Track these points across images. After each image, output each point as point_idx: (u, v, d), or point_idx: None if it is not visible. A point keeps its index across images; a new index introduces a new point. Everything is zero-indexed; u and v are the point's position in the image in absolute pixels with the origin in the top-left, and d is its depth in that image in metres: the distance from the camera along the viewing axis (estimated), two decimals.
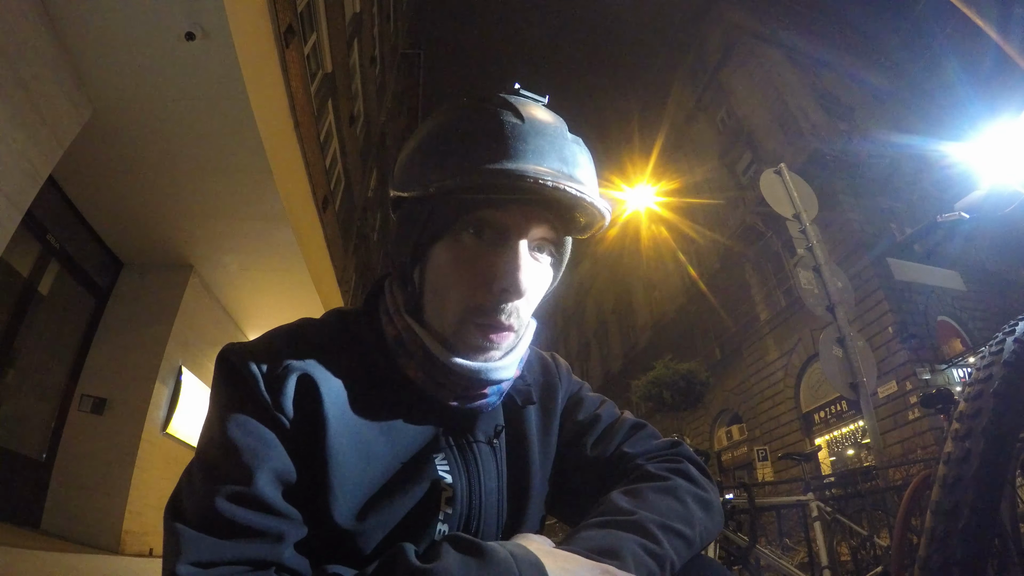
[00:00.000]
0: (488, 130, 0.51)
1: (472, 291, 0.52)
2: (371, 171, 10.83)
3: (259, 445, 0.48)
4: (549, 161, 0.50)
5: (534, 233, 0.53)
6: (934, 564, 0.76)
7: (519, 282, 0.51)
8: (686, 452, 0.63)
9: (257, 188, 3.92)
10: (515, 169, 0.48)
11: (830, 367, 3.40)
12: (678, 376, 12.40)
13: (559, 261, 0.59)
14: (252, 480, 0.46)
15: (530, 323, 0.61)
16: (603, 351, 23.19)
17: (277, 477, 0.47)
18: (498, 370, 0.55)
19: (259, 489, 0.46)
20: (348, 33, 7.17)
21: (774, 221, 10.06)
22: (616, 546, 0.46)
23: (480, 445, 0.58)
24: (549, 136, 0.52)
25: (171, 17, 2.74)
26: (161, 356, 4.52)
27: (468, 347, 0.54)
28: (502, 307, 0.52)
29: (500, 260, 0.52)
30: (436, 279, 0.54)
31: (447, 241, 0.53)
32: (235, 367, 0.51)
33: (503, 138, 0.50)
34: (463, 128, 0.52)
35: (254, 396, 0.50)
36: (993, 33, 4.45)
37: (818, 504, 3.05)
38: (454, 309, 0.53)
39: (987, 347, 0.92)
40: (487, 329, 0.53)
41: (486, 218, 0.52)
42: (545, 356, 0.72)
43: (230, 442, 0.47)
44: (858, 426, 9.90)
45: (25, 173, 2.81)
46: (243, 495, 0.45)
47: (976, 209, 1.33)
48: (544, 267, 0.56)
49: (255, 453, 0.47)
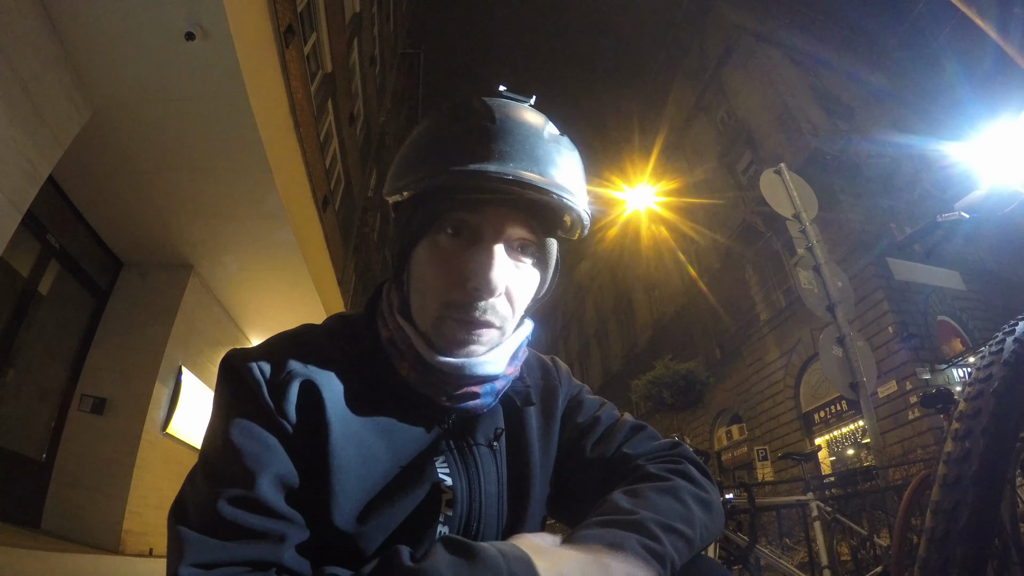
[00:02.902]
0: (459, 133, 0.53)
1: (447, 288, 0.54)
2: (371, 171, 10.83)
3: (261, 449, 0.48)
4: (517, 160, 0.51)
5: (511, 234, 0.55)
6: (934, 564, 0.76)
7: (491, 280, 0.53)
8: (687, 453, 0.63)
9: (257, 188, 3.92)
10: (479, 169, 0.50)
11: (830, 367, 3.40)
12: (678, 376, 12.41)
13: (543, 263, 0.60)
14: (254, 484, 0.46)
15: (524, 324, 0.62)
16: (603, 351, 23.18)
17: (279, 481, 0.48)
18: (482, 365, 0.56)
19: (261, 492, 0.46)
20: (348, 33, 7.17)
21: (774, 221, 10.05)
22: (617, 544, 0.46)
23: (480, 448, 0.59)
24: (521, 136, 0.53)
25: (171, 17, 2.74)
26: (161, 356, 4.51)
27: (448, 343, 0.55)
28: (476, 304, 0.54)
29: (473, 259, 0.54)
30: (417, 279, 0.57)
31: (426, 242, 0.56)
32: (239, 372, 0.52)
33: (472, 140, 0.52)
34: (438, 133, 0.55)
35: (257, 401, 0.50)
36: (993, 33, 4.45)
37: (818, 504, 3.05)
38: (432, 306, 0.55)
39: (987, 347, 0.92)
40: (464, 324, 0.54)
41: (462, 219, 0.54)
42: (545, 360, 0.73)
43: (232, 446, 0.48)
44: (858, 426, 9.90)
45: (25, 173, 2.81)
46: (245, 498, 0.46)
47: (976, 209, 1.33)
48: (526, 268, 0.57)
49: (257, 457, 0.48)
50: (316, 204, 5.47)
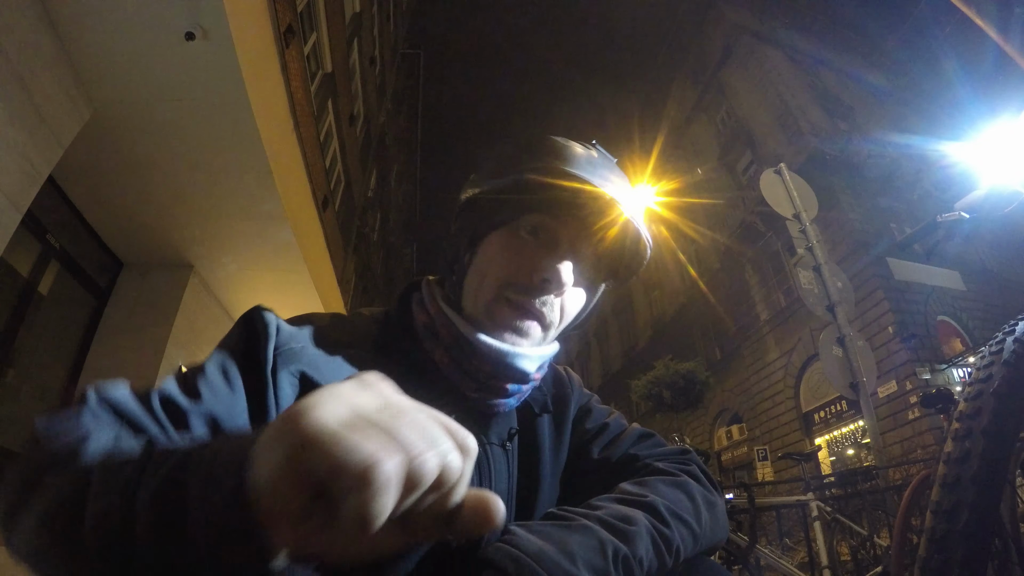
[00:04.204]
0: (564, 147, 0.60)
1: (514, 272, 0.57)
2: (371, 171, 10.82)
3: (221, 385, 0.47)
4: (612, 187, 0.58)
5: (583, 251, 0.59)
6: (934, 564, 0.76)
7: (560, 275, 0.56)
8: (695, 458, 0.65)
9: (257, 188, 3.91)
10: (582, 175, 0.56)
11: (830, 367, 3.40)
12: (678, 376, 12.38)
13: (592, 293, 0.65)
14: (193, 405, 0.44)
15: (554, 342, 0.65)
16: (603, 351, 23.17)
17: (214, 420, 0.45)
18: (522, 358, 0.57)
19: (189, 414, 0.44)
20: (348, 33, 7.17)
21: (774, 221, 10.06)
22: (630, 516, 0.48)
23: (493, 447, 0.60)
24: (616, 172, 0.62)
25: (171, 17, 2.74)
26: (161, 356, 4.51)
27: (497, 325, 0.57)
28: (539, 294, 0.57)
29: (547, 256, 0.57)
30: (483, 261, 0.59)
31: (503, 231, 0.59)
32: (254, 322, 0.52)
33: (576, 156, 0.59)
34: (545, 143, 0.61)
35: (255, 352, 0.50)
36: (993, 33, 4.45)
37: (818, 504, 3.05)
38: (492, 284, 0.57)
39: (987, 347, 0.92)
40: (519, 309, 0.57)
41: (543, 223, 0.58)
42: (558, 369, 0.76)
43: (203, 368, 0.48)
44: (858, 426, 9.89)
45: (25, 173, 2.81)
46: (173, 407, 0.44)
47: (976, 209, 1.33)
48: (580, 289, 0.62)
49: (213, 388, 0.46)
50: (316, 204, 5.47)
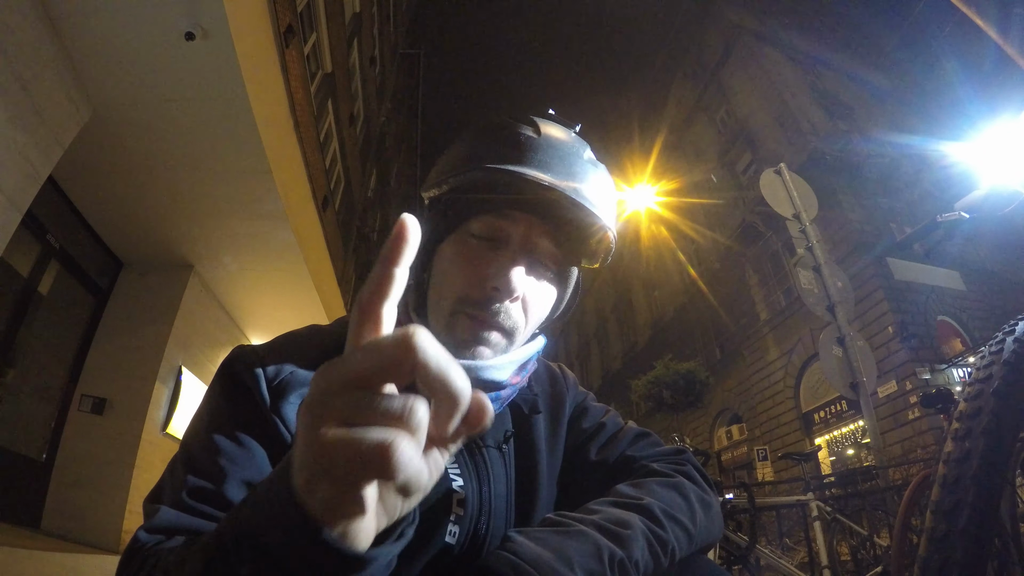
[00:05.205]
0: (502, 138, 0.56)
1: (466, 284, 0.55)
2: (371, 171, 10.82)
3: (239, 452, 0.48)
4: (555, 172, 0.53)
5: (537, 244, 0.57)
6: (934, 564, 0.76)
7: (510, 282, 0.54)
8: (691, 458, 0.65)
9: (257, 188, 3.91)
10: (516, 170, 0.51)
11: (830, 367, 3.40)
12: (678, 376, 12.38)
13: (563, 282, 0.62)
14: (223, 482, 0.46)
15: (537, 338, 0.64)
16: (603, 351, 23.18)
17: (248, 485, 0.48)
18: (487, 369, 0.55)
19: (227, 491, 0.46)
20: (348, 33, 7.17)
21: (774, 221, 10.05)
22: (626, 520, 0.47)
23: (490, 450, 0.59)
24: (561, 152, 0.55)
25: (171, 17, 2.73)
26: (161, 356, 4.51)
27: (457, 341, 0.55)
28: (492, 304, 0.54)
29: (496, 261, 0.55)
30: (438, 275, 0.58)
31: (453, 239, 0.57)
32: (238, 370, 0.52)
33: (513, 145, 0.54)
34: (482, 137, 0.57)
35: (249, 401, 0.50)
36: (993, 33, 4.45)
37: (818, 504, 3.05)
38: (448, 302, 0.56)
39: (987, 347, 0.92)
40: (476, 323, 0.55)
41: (491, 223, 0.56)
42: (553, 367, 0.74)
43: (212, 442, 0.48)
44: (858, 426, 9.89)
45: (25, 173, 2.81)
46: (212, 493, 0.46)
47: (976, 209, 1.33)
48: (545, 284, 0.59)
49: (233, 458, 0.48)
50: (316, 204, 5.47)
